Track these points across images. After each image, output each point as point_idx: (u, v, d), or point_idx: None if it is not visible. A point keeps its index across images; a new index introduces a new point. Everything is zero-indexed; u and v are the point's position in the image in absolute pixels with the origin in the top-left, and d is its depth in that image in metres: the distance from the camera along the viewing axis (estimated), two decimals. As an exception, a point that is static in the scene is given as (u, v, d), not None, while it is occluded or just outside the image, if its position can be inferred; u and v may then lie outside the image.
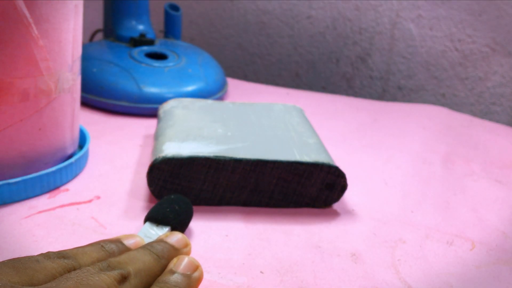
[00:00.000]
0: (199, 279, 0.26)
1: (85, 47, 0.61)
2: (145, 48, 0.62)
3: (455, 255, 0.34)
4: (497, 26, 0.68)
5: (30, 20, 0.33)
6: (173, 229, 0.31)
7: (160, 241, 0.28)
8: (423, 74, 0.74)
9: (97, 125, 0.51)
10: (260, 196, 0.37)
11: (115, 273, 0.23)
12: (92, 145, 0.45)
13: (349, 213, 0.38)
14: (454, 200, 0.42)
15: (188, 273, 0.25)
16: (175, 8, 0.68)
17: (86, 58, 0.57)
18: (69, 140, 0.40)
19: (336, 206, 0.39)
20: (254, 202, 0.37)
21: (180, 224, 0.31)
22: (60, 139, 0.39)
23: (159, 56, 0.62)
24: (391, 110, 0.65)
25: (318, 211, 0.38)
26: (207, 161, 0.36)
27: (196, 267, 0.26)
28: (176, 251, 0.27)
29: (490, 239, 0.36)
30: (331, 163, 0.37)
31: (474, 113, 0.72)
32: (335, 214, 0.38)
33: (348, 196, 0.40)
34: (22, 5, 0.32)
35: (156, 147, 0.38)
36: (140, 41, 0.62)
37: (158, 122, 0.45)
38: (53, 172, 0.37)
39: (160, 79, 0.57)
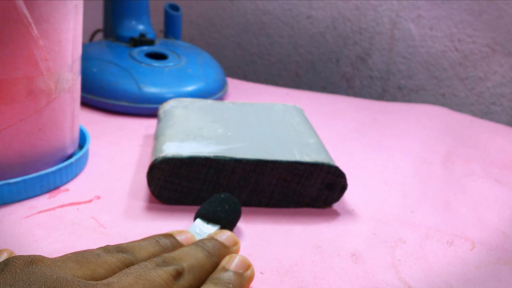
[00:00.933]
0: (250, 278, 0.26)
1: (85, 47, 0.61)
2: (145, 48, 0.62)
3: (455, 255, 0.34)
4: (497, 26, 0.68)
5: (30, 20, 0.33)
6: (222, 227, 0.31)
7: (211, 238, 0.28)
8: (423, 74, 0.74)
9: (97, 125, 0.51)
10: (260, 196, 0.37)
11: (170, 269, 0.23)
12: (92, 145, 0.45)
13: (349, 213, 0.38)
14: (454, 200, 0.42)
15: (241, 271, 0.26)
16: (175, 8, 0.68)
17: (86, 58, 0.57)
18: (69, 140, 0.40)
19: (336, 206, 0.39)
20: (254, 202, 0.37)
21: (229, 223, 0.32)
22: (60, 139, 0.39)
23: (159, 56, 0.62)
24: (391, 110, 0.65)
25: (318, 211, 0.38)
26: (207, 161, 0.36)
27: (248, 265, 0.26)
28: (226, 249, 0.28)
29: (490, 239, 0.36)
30: (331, 163, 0.37)
31: (474, 113, 0.72)
32: (335, 214, 0.38)
33: (348, 196, 0.40)
34: (22, 5, 0.32)
35: (156, 147, 0.38)
36: (140, 41, 0.62)
37: (158, 122, 0.45)
38: (53, 172, 0.37)
39: (160, 79, 0.57)
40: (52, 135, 0.38)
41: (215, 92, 0.61)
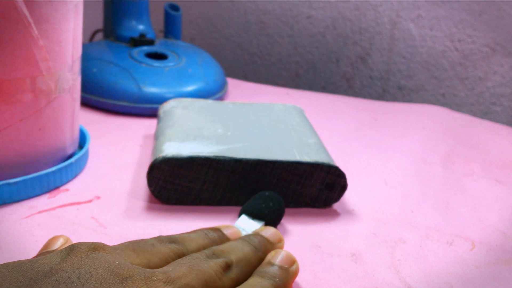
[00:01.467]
0: (295, 273, 0.27)
1: (85, 47, 0.61)
2: (145, 48, 0.62)
3: (455, 255, 0.34)
4: (497, 26, 0.68)
5: (30, 20, 0.33)
6: (267, 224, 0.32)
7: (256, 234, 0.29)
8: (423, 74, 0.74)
9: (97, 125, 0.51)
10: (260, 196, 0.37)
11: (220, 261, 0.24)
12: (92, 145, 0.45)
13: (349, 213, 0.38)
14: (454, 200, 0.42)
15: (286, 266, 0.26)
16: (175, 8, 0.68)
17: (86, 58, 0.57)
18: (69, 140, 0.40)
19: (336, 206, 0.39)
20: (254, 202, 0.37)
21: (273, 220, 0.33)
22: (60, 139, 0.39)
23: (159, 56, 0.62)
24: (391, 110, 0.65)
25: (318, 211, 0.38)
26: (207, 161, 0.36)
27: (293, 261, 0.27)
28: (271, 245, 0.29)
29: (490, 239, 0.36)
30: (331, 163, 0.37)
31: (474, 113, 0.72)
32: (335, 214, 0.38)
33: (348, 196, 0.40)
34: (22, 5, 0.32)
35: (156, 147, 0.38)
36: (140, 41, 0.62)
37: (158, 122, 0.45)
38: (53, 172, 0.37)
39: (160, 79, 0.57)
40: (52, 135, 0.38)
41: (215, 92, 0.61)
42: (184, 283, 0.21)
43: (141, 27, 0.65)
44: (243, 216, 0.33)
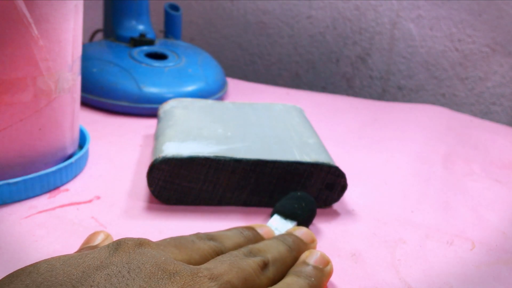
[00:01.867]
0: (329, 273, 0.27)
1: (85, 47, 0.61)
2: (145, 48, 0.62)
3: (455, 255, 0.34)
4: (497, 26, 0.68)
5: (30, 20, 0.33)
6: (299, 224, 0.32)
7: (290, 234, 0.30)
8: (423, 74, 0.74)
9: (97, 125, 0.51)
10: (260, 196, 0.37)
11: (258, 259, 0.25)
12: (92, 145, 0.45)
13: (349, 213, 0.38)
14: (454, 200, 0.42)
15: (321, 266, 0.27)
16: (175, 8, 0.68)
17: (86, 58, 0.57)
18: (69, 140, 0.40)
19: (336, 206, 0.39)
20: (254, 202, 0.37)
21: (305, 220, 0.33)
22: (60, 139, 0.39)
23: (159, 56, 0.62)
24: (391, 110, 0.65)
25: (318, 211, 0.38)
26: (207, 161, 0.36)
27: (327, 261, 0.27)
28: (304, 245, 0.29)
29: (490, 239, 0.36)
30: (331, 163, 0.37)
31: (474, 113, 0.72)
32: (335, 214, 0.38)
33: (348, 196, 0.40)
34: (22, 5, 0.32)
35: (156, 147, 0.38)
36: (140, 41, 0.62)
37: (158, 122, 0.45)
38: (53, 172, 0.37)
39: (160, 79, 0.57)
40: (52, 135, 0.38)
41: (215, 92, 0.61)
42: (226, 280, 0.22)
43: (141, 27, 0.65)
44: (276, 216, 0.33)
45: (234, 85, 0.71)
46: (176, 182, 0.36)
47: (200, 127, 0.41)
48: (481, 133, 0.59)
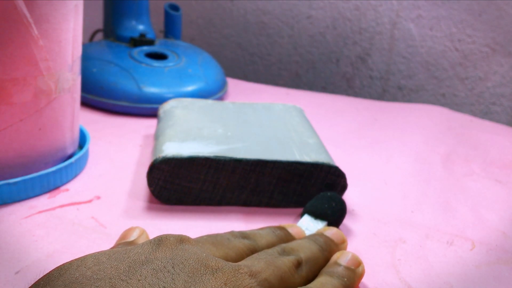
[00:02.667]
0: (361, 275, 0.27)
1: (85, 47, 0.61)
2: (145, 48, 0.62)
3: (455, 255, 0.34)
4: (497, 26, 0.68)
5: (30, 20, 0.33)
6: (329, 224, 0.33)
7: (321, 234, 0.30)
8: (423, 74, 0.74)
9: (97, 125, 0.51)
10: (260, 196, 0.37)
11: (292, 258, 0.25)
12: (92, 145, 0.45)
13: (349, 213, 0.38)
14: (454, 200, 0.42)
15: (353, 267, 0.27)
16: (175, 8, 0.68)
17: (86, 58, 0.57)
18: (69, 140, 0.40)
19: (336, 206, 0.39)
20: (254, 202, 0.37)
21: (336, 220, 0.33)
22: (60, 139, 0.39)
23: (159, 56, 0.62)
24: (391, 110, 0.65)
25: (318, 211, 0.38)
26: (207, 161, 0.36)
27: (359, 263, 0.27)
28: (335, 246, 0.29)
29: (490, 239, 0.36)
30: (331, 163, 0.37)
31: (474, 113, 0.72)
32: (335, 214, 0.38)
33: (348, 196, 0.40)
34: (22, 5, 0.32)
35: (156, 147, 0.38)
36: (140, 41, 0.62)
37: (158, 122, 0.45)
38: (53, 172, 0.37)
39: (160, 79, 0.57)
40: (52, 135, 0.38)
41: (215, 92, 0.61)
42: (263, 278, 0.22)
43: (141, 27, 0.65)
44: (306, 216, 0.33)
45: (234, 85, 0.71)
46: (176, 182, 0.36)
47: (200, 127, 0.41)
48: (481, 133, 0.59)
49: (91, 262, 0.21)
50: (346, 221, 0.37)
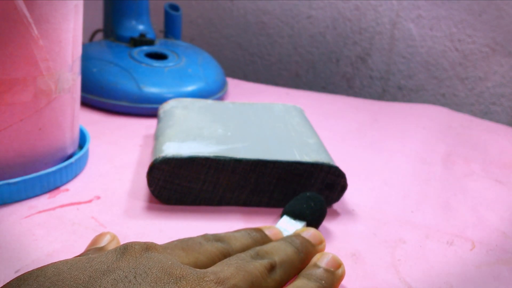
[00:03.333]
0: (341, 276, 0.27)
1: (85, 47, 0.61)
2: (145, 48, 0.62)
3: (455, 255, 0.34)
4: (497, 26, 0.68)
5: (30, 20, 0.33)
6: (308, 224, 0.32)
7: (297, 235, 0.29)
8: (423, 74, 0.74)
9: (97, 125, 0.51)
10: (260, 196, 0.37)
11: (265, 262, 0.25)
12: (92, 145, 0.45)
13: (349, 213, 0.38)
14: (454, 200, 0.42)
15: (332, 269, 0.26)
16: (175, 8, 0.68)
17: (86, 58, 0.57)
18: (69, 140, 0.40)
19: (336, 206, 0.39)
20: (254, 202, 0.37)
21: (315, 220, 0.33)
22: (60, 139, 0.39)
23: (159, 56, 0.62)
24: (391, 110, 0.65)
25: (318, 211, 0.38)
26: (207, 161, 0.36)
27: (339, 264, 0.27)
28: (312, 247, 0.29)
29: (490, 239, 0.36)
30: (331, 163, 0.37)
31: (474, 113, 0.72)
32: (335, 214, 0.38)
33: (348, 196, 0.40)
34: (22, 5, 0.32)
35: (156, 147, 0.38)
36: (140, 41, 0.62)
37: (158, 122, 0.45)
38: (53, 172, 0.37)
39: (160, 79, 0.57)
40: (52, 135, 0.38)
41: (215, 92, 0.61)
42: (232, 284, 0.22)
43: (141, 27, 0.65)
44: (285, 217, 0.33)
45: (234, 85, 0.71)
46: (176, 182, 0.36)
47: (200, 127, 0.41)
48: (481, 133, 0.59)
49: (51, 272, 0.20)
50: (346, 221, 0.37)
